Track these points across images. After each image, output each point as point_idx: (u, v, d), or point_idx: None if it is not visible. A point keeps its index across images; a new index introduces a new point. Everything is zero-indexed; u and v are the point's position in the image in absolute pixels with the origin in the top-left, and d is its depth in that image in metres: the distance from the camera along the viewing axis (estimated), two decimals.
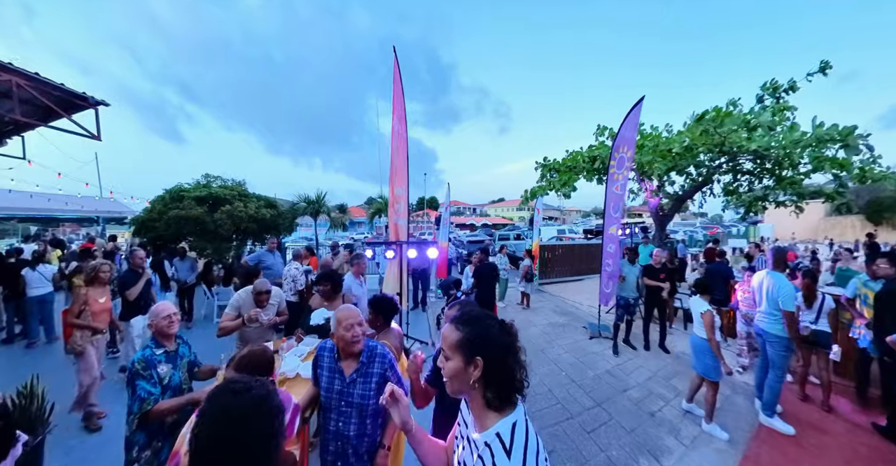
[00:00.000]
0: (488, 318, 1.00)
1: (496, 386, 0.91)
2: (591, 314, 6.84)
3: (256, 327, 3.06)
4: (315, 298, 3.35)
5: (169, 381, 1.94)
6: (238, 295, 3.19)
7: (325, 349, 1.80)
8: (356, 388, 1.68)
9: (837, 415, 3.42)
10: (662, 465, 2.73)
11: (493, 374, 0.91)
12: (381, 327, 2.47)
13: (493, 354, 0.91)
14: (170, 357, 2.03)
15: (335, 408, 1.69)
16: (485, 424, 0.91)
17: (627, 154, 5.62)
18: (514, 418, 0.90)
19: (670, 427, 3.24)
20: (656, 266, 5.25)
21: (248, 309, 3.07)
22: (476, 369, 0.90)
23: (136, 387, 1.79)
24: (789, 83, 6.91)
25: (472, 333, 0.94)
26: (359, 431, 1.67)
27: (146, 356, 1.91)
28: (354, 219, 38.68)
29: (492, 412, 0.91)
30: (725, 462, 2.77)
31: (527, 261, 8.16)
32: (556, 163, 9.34)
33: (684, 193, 8.73)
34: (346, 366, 1.72)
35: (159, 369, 1.92)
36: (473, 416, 0.97)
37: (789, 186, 6.90)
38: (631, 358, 4.85)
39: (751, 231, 21.34)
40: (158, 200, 8.03)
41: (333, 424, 1.69)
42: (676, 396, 3.77)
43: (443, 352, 0.98)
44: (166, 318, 2.05)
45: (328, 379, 1.73)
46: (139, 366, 1.84)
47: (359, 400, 1.68)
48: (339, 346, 1.73)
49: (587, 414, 3.45)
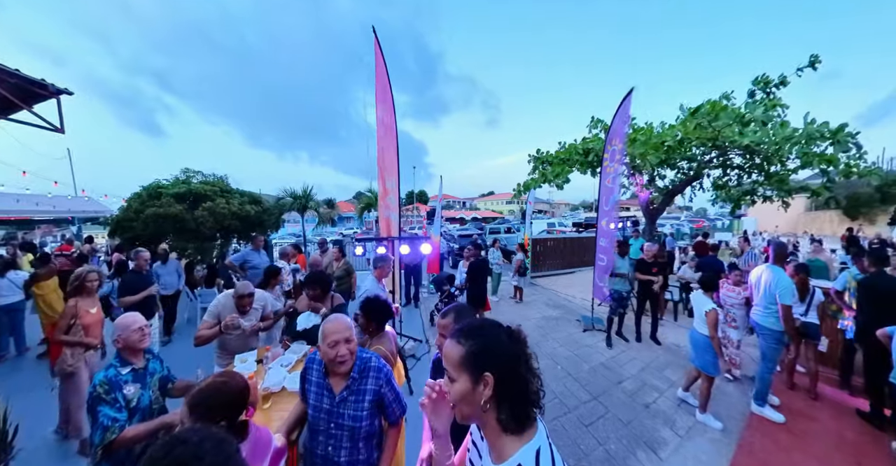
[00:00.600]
0: (493, 326, 0.89)
1: (510, 403, 0.80)
2: (583, 307, 6.91)
3: (238, 334, 2.78)
4: (301, 300, 3.11)
5: (137, 403, 1.72)
6: (218, 299, 2.91)
7: (315, 361, 1.61)
8: (347, 408, 1.50)
9: (824, 402, 3.52)
10: (660, 456, 2.78)
11: (505, 391, 0.80)
12: (374, 332, 2.27)
13: (504, 367, 0.81)
14: (138, 375, 1.80)
15: (324, 430, 1.51)
16: (503, 454, 0.80)
17: (619, 147, 5.64)
18: (538, 444, 0.79)
19: (665, 418, 3.30)
20: (648, 260, 5.32)
21: (228, 314, 2.79)
22: (486, 387, 0.79)
23: (98, 414, 1.55)
24: (780, 78, 7.02)
25: (476, 346, 0.82)
26: (350, 457, 1.49)
27: (109, 377, 1.66)
28: (343, 214, 38.04)
29: (509, 436, 0.80)
30: (720, 450, 2.83)
31: (519, 255, 8.18)
32: (549, 156, 9.34)
33: (675, 187, 8.84)
34: (334, 383, 1.53)
35: (125, 390, 1.69)
36: (488, 444, 0.86)
37: (777, 182, 7.05)
38: (624, 350, 4.92)
39: (735, 224, 21.85)
40: (135, 198, 7.61)
41: (322, 448, 1.51)
42: (670, 387, 3.84)
43: (446, 373, 0.86)
44: (137, 331, 1.81)
45: (316, 395, 1.55)
46: (101, 390, 1.60)
47: (350, 422, 1.49)
48: (325, 362, 1.54)
49: (584, 408, 3.49)
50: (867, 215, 20.29)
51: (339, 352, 1.47)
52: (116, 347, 1.78)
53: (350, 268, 5.49)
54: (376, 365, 1.59)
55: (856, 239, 9.76)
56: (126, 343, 1.78)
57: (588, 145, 8.50)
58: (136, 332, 1.80)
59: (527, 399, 0.81)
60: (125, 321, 1.82)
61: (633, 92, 5.60)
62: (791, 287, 3.32)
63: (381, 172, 5.01)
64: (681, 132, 7.14)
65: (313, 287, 2.87)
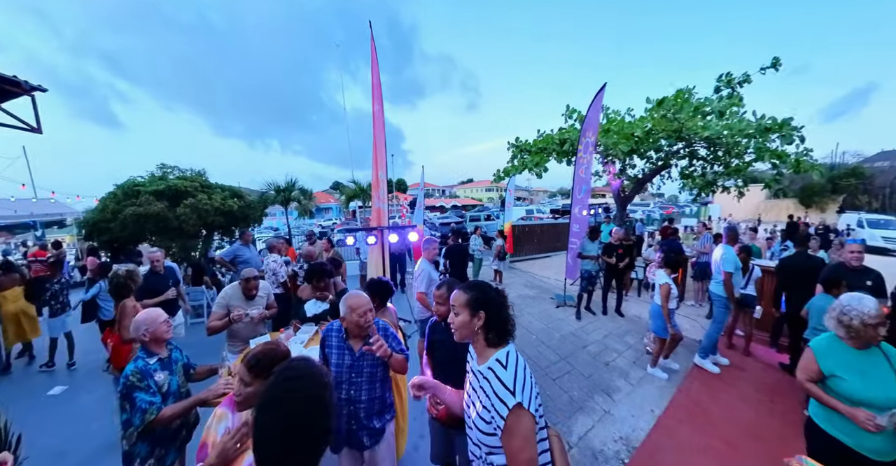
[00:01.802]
0: (487, 285, 1.36)
1: (495, 330, 1.25)
2: (557, 287, 7.45)
3: (247, 322, 2.93)
4: (304, 289, 3.35)
5: (168, 388, 1.89)
6: (224, 291, 3.06)
7: (333, 330, 1.96)
8: (366, 361, 1.88)
9: (755, 359, 4.17)
10: (613, 399, 3.31)
11: (492, 322, 1.25)
12: (378, 307, 2.63)
13: (492, 308, 1.26)
14: (164, 364, 1.95)
15: (346, 380, 1.88)
16: (486, 356, 1.26)
17: (592, 139, 6.08)
18: (508, 349, 1.25)
19: (621, 372, 3.84)
20: (615, 243, 5.84)
21: (236, 304, 2.97)
22: (479, 320, 1.25)
23: (136, 400, 1.70)
24: (743, 76, 7.59)
25: (475, 294, 1.29)
26: (370, 395, 1.89)
27: (139, 367, 1.81)
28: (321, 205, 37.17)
29: (491, 348, 1.26)
30: (664, 394, 3.40)
31: (499, 241, 8.64)
32: (527, 144, 9.73)
33: (644, 176, 9.42)
34: (354, 344, 1.90)
35: (156, 377, 1.84)
36: (476, 354, 1.33)
37: (735, 173, 7.71)
38: (591, 322, 5.47)
39: (702, 211, 23.16)
40: (110, 198, 7.22)
41: (345, 393, 1.87)
42: (628, 349, 4.41)
43: (453, 309, 1.32)
44: (164, 323, 1.96)
45: (338, 355, 1.91)
46: (134, 379, 1.75)
47: (369, 369, 1.88)
48: (351, 329, 1.88)
49: (553, 367, 3.98)
50: (819, 204, 22.00)
51: (367, 318, 1.85)
52: (143, 340, 1.91)
53: (339, 258, 5.67)
54: (383, 325, 2.03)
55: (795, 226, 10.99)
56: (153, 335, 1.91)
57: (564, 135, 8.93)
58: (163, 324, 1.95)
59: (505, 329, 1.28)
60: (151, 315, 1.95)
61: (605, 87, 6.03)
62: (734, 259, 3.92)
63: (376, 165, 5.15)
64: (650, 123, 7.68)
65: (318, 279, 3.10)
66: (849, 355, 1.75)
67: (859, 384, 1.67)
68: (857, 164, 23.45)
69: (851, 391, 1.68)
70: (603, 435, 2.86)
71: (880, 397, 1.61)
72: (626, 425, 2.98)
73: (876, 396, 1.62)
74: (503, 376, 1.17)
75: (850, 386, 1.69)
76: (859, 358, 1.73)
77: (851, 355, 1.74)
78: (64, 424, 3.31)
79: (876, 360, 1.71)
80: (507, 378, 1.16)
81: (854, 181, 21.34)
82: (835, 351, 1.80)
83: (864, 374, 1.68)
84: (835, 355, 1.79)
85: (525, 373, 1.18)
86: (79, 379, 4.25)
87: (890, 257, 10.63)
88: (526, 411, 1.10)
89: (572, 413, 3.14)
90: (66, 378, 4.29)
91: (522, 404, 1.10)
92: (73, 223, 12.82)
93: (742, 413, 3.11)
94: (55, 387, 4.01)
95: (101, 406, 3.48)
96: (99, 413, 3.34)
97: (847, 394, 1.69)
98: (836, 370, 1.75)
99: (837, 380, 1.74)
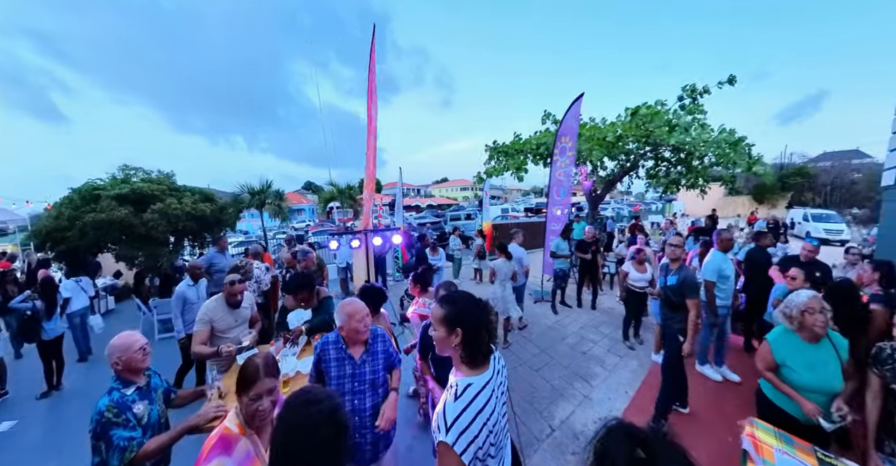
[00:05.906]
0: (467, 299, 1.28)
1: (469, 349, 1.21)
2: (534, 283, 7.74)
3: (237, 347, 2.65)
4: (289, 298, 3.21)
5: (148, 419, 1.70)
6: (206, 306, 2.81)
7: (329, 342, 1.92)
8: (367, 366, 1.89)
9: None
10: (591, 385, 3.62)
11: (468, 341, 1.20)
12: (372, 313, 2.67)
13: (469, 327, 1.20)
14: (143, 393, 1.75)
15: (349, 391, 1.85)
16: (458, 373, 1.25)
17: (569, 144, 6.41)
18: (472, 381, 1.18)
19: (597, 360, 4.17)
20: (588, 240, 6.18)
21: (220, 317, 2.78)
22: (456, 337, 1.19)
23: (112, 438, 1.51)
24: (704, 88, 8.38)
25: (451, 311, 1.22)
26: (373, 401, 1.88)
27: (115, 400, 1.60)
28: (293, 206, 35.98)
29: (463, 366, 1.23)
30: (636, 377, 3.79)
31: (479, 241, 8.86)
32: (504, 147, 10.07)
33: (614, 176, 9.99)
34: (354, 352, 1.90)
35: (135, 409, 1.65)
36: (454, 366, 1.30)
37: (696, 174, 8.42)
38: (567, 315, 5.80)
39: (667, 208, 24.48)
40: (66, 203, 6.63)
41: (349, 404, 1.84)
42: (603, 338, 4.77)
43: (432, 324, 1.28)
44: (139, 351, 1.74)
45: (338, 367, 1.87)
46: (110, 414, 1.55)
47: (371, 376, 1.89)
48: (350, 336, 1.88)
49: (535, 359, 4.26)
50: (770, 200, 23.84)
51: (366, 323, 1.90)
52: (115, 369, 1.70)
53: (322, 262, 5.58)
54: (381, 333, 2.06)
55: (714, 218, 11.79)
56: (127, 364, 1.70)
57: (541, 140, 9.39)
58: (138, 352, 1.73)
59: (479, 351, 1.23)
60: (127, 341, 1.72)
61: (582, 97, 6.38)
62: (717, 267, 3.59)
63: (369, 167, 5.15)
64: (620, 129, 8.36)
65: (300, 291, 2.97)
66: (801, 347, 1.97)
67: (806, 375, 1.90)
68: (803, 164, 25.50)
69: (799, 381, 1.92)
70: (583, 418, 3.14)
71: (825, 387, 1.88)
72: (603, 407, 3.27)
73: (820, 387, 1.88)
74: (448, 407, 1.14)
75: (798, 377, 1.92)
76: (809, 351, 1.94)
77: (803, 347, 1.96)
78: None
79: (824, 352, 1.92)
80: (450, 410, 1.13)
81: (800, 179, 23.28)
82: (788, 343, 2.02)
83: (811, 367, 1.90)
84: (787, 346, 2.01)
85: (471, 415, 1.12)
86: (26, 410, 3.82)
87: (831, 247, 11.65)
88: (451, 451, 1.07)
89: (554, 400, 3.41)
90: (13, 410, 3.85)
91: (448, 443, 1.07)
92: (14, 230, 11.44)
93: (707, 388, 3.49)
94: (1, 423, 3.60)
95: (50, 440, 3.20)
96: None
97: (795, 384, 1.93)
98: (787, 360, 1.98)
99: (787, 370, 1.97)
